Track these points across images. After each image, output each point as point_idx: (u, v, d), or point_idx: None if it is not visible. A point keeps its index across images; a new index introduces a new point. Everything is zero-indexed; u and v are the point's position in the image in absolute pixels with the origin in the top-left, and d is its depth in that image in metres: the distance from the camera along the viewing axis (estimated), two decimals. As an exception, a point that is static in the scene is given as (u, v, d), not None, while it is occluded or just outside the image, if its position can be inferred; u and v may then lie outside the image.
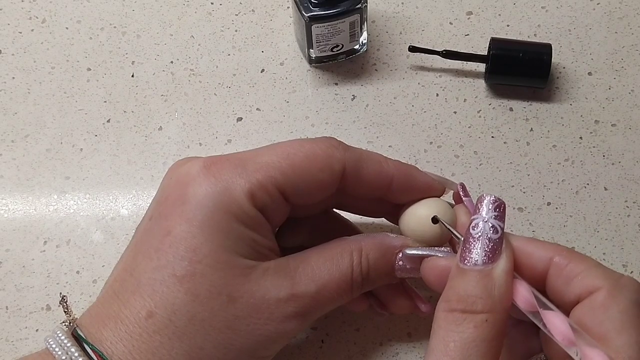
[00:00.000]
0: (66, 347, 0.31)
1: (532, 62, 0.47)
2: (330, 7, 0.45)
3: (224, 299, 0.32)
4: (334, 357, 0.41)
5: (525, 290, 0.31)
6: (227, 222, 0.32)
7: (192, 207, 0.32)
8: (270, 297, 0.33)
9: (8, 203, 0.46)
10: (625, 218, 0.44)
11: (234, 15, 0.52)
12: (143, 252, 0.32)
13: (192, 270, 0.31)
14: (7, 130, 0.48)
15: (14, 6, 0.53)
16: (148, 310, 0.31)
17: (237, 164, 0.33)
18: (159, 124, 0.48)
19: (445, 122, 0.48)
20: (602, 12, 0.51)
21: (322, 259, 0.35)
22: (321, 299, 0.34)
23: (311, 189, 0.35)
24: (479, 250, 0.31)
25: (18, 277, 0.43)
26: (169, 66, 0.50)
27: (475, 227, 0.32)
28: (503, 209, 0.32)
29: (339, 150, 0.35)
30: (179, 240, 0.32)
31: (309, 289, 0.34)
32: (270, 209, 0.34)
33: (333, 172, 0.35)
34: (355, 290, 0.35)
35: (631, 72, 0.49)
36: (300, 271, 0.34)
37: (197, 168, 0.33)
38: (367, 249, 0.35)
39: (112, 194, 0.46)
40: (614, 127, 0.47)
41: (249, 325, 0.32)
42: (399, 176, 0.36)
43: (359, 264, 0.35)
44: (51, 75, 0.50)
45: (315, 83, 0.49)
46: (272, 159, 0.34)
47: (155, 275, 0.31)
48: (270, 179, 0.33)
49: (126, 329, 0.31)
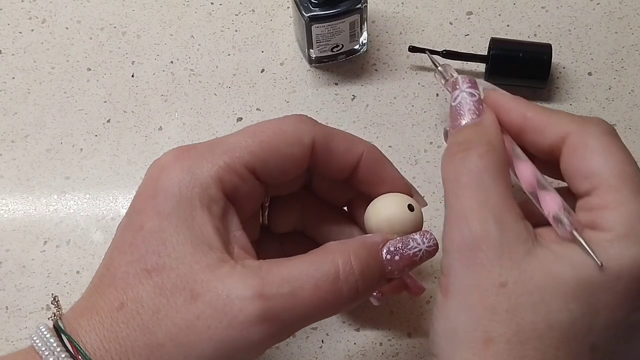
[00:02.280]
0: (45, 338, 0.31)
1: (532, 62, 0.47)
2: (330, 7, 0.45)
3: (187, 294, 0.30)
4: (334, 357, 0.41)
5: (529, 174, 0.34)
6: (192, 210, 0.32)
7: (161, 199, 0.32)
8: (236, 297, 0.30)
9: (8, 203, 0.46)
10: (625, 218, 0.44)
11: (234, 15, 0.52)
12: (118, 247, 0.32)
13: (161, 264, 0.31)
14: (7, 130, 0.48)
15: (14, 6, 0.53)
16: (120, 302, 0.31)
17: (204, 149, 0.33)
18: (159, 124, 0.48)
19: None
20: (602, 12, 0.51)
21: (301, 261, 0.32)
22: (296, 303, 0.30)
23: (282, 164, 0.34)
24: (465, 112, 0.35)
25: (18, 277, 0.43)
26: (169, 66, 0.50)
27: (456, 99, 0.36)
28: (474, 82, 0.36)
29: (308, 124, 0.35)
30: (150, 234, 0.31)
31: (282, 289, 0.30)
32: (242, 191, 0.33)
33: (302, 145, 0.34)
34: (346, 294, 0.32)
35: (631, 72, 0.49)
36: (274, 272, 0.31)
37: (167, 159, 0.33)
38: (353, 250, 0.33)
39: (112, 194, 0.46)
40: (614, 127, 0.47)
41: (209, 328, 0.30)
42: (368, 154, 0.36)
43: (347, 263, 0.32)
44: (51, 75, 0.50)
45: (315, 83, 0.49)
46: (239, 140, 0.33)
47: (129, 269, 0.31)
48: (238, 159, 0.33)
49: (99, 319, 0.31)
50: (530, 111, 0.34)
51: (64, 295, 0.42)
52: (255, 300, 0.30)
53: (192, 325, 0.30)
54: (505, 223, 0.31)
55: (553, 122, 0.33)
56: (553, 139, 0.33)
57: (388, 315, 0.41)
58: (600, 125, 0.33)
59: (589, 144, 0.32)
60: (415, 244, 0.34)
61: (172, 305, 0.30)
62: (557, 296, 0.30)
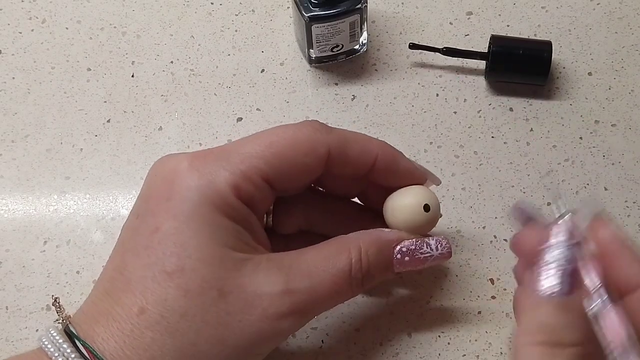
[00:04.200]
0: (58, 343, 0.31)
1: (533, 59, 0.47)
2: (330, 7, 0.45)
3: (215, 293, 0.31)
4: (334, 357, 0.41)
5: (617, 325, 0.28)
6: (212, 216, 0.32)
7: (177, 202, 0.32)
8: (263, 292, 0.32)
9: (8, 203, 0.46)
10: (625, 218, 0.44)
11: (234, 15, 0.52)
12: (131, 250, 0.32)
13: (181, 266, 0.31)
14: (7, 130, 0.48)
15: (14, 6, 0.53)
16: (140, 307, 0.31)
17: (220, 156, 0.33)
18: (159, 124, 0.48)
19: (445, 122, 0.48)
20: (602, 12, 0.51)
21: (318, 256, 0.34)
22: (317, 296, 0.33)
23: (297, 174, 0.34)
24: (559, 277, 0.28)
25: (18, 277, 0.43)
26: (169, 66, 0.50)
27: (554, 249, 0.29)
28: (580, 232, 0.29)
29: (322, 133, 0.35)
30: (167, 237, 0.32)
31: (304, 284, 0.33)
32: (256, 199, 0.34)
33: (318, 156, 0.34)
34: (356, 288, 0.35)
35: (631, 72, 0.49)
36: (295, 267, 0.33)
37: (181, 164, 0.33)
38: (365, 245, 0.35)
39: (112, 194, 0.46)
40: (614, 127, 0.47)
41: (241, 322, 0.32)
42: (383, 155, 0.36)
43: (358, 261, 0.34)
44: (51, 75, 0.50)
45: (315, 83, 0.49)
46: (255, 149, 0.34)
47: (146, 272, 0.31)
48: (254, 169, 0.33)
49: (118, 326, 0.31)
50: None
51: (64, 295, 0.42)
52: (284, 296, 0.32)
53: (224, 322, 0.31)
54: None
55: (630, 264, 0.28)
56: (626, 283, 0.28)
57: (388, 315, 0.41)
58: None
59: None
60: (428, 249, 0.34)
61: (200, 305, 0.31)
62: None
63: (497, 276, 0.43)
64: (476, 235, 0.44)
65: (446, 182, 0.45)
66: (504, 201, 0.45)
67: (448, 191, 0.45)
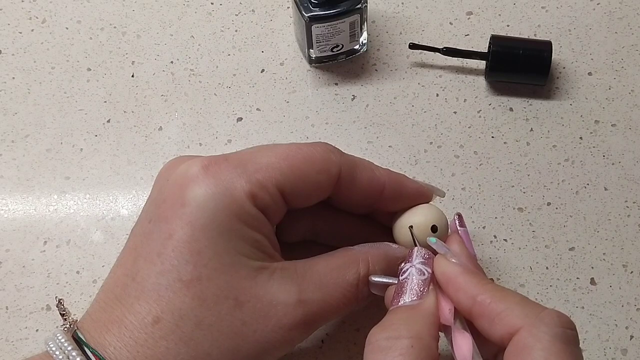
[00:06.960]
0: (67, 350, 0.31)
1: (533, 59, 0.47)
2: (330, 7, 0.45)
3: (231, 303, 0.31)
4: (334, 357, 0.41)
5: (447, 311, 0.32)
6: (229, 224, 0.32)
7: (192, 209, 0.32)
8: (278, 302, 0.32)
9: (8, 203, 0.46)
10: (625, 218, 0.44)
11: (234, 15, 0.52)
12: (144, 256, 0.32)
13: (197, 274, 0.31)
14: (7, 130, 0.48)
15: (14, 6, 0.53)
16: (154, 316, 0.31)
17: (236, 164, 0.33)
18: (159, 124, 0.48)
19: (445, 122, 0.48)
20: (602, 12, 0.51)
21: (329, 268, 0.34)
22: (327, 308, 0.34)
23: (309, 190, 0.35)
24: (406, 290, 0.32)
25: (18, 277, 0.43)
26: (169, 66, 0.50)
27: (404, 273, 0.33)
28: (431, 258, 0.34)
29: (335, 154, 0.35)
30: (182, 244, 0.31)
31: (316, 296, 0.33)
32: (271, 209, 0.34)
33: (330, 175, 0.35)
34: (361, 300, 0.35)
35: (631, 72, 0.49)
36: (307, 277, 0.34)
37: (195, 169, 0.33)
38: (373, 260, 0.35)
39: (112, 194, 0.46)
40: (614, 127, 0.47)
41: (256, 332, 0.32)
42: (390, 183, 0.36)
43: (366, 275, 0.35)
44: (51, 75, 0.50)
45: (315, 83, 0.49)
46: (272, 160, 0.34)
47: (160, 280, 0.31)
48: (271, 179, 0.33)
49: (131, 335, 0.31)
50: (482, 294, 0.31)
51: (64, 296, 0.42)
52: (297, 306, 0.32)
53: (240, 332, 0.31)
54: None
55: (504, 312, 0.30)
56: (501, 332, 0.30)
57: (388, 315, 0.41)
58: (553, 327, 0.29)
59: (534, 348, 0.28)
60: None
61: (216, 314, 0.31)
62: None
63: (497, 276, 0.43)
64: (476, 235, 0.44)
65: (446, 182, 0.45)
66: (504, 201, 0.45)
67: (448, 191, 0.45)
